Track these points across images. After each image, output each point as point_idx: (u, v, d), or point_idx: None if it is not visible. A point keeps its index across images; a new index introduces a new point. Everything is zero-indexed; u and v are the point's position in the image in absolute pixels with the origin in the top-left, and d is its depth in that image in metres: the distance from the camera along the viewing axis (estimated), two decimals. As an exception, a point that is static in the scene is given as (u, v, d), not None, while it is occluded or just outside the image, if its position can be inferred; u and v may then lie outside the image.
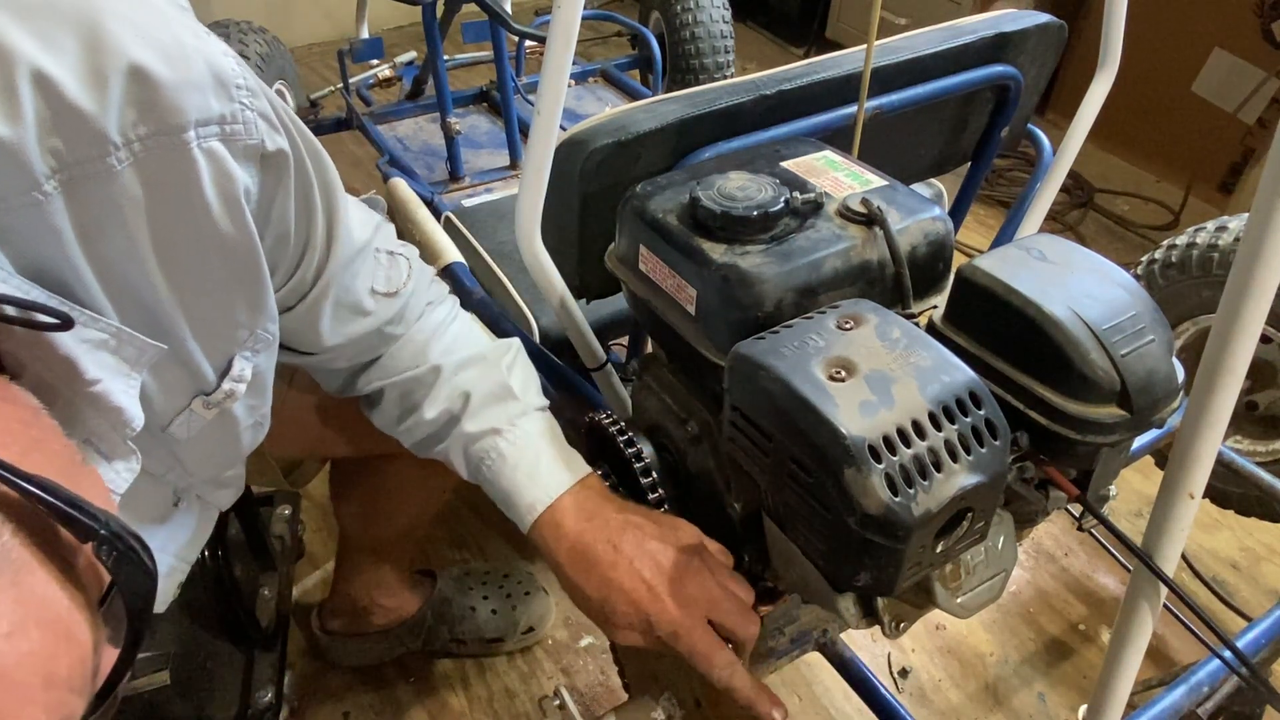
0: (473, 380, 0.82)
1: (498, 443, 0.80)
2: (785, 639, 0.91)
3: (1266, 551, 1.60)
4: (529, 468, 0.79)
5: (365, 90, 2.36)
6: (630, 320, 1.27)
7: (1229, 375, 0.64)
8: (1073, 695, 1.36)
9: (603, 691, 1.35)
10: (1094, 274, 0.71)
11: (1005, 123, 1.18)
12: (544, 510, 0.77)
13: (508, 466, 0.79)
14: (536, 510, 0.78)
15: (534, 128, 0.83)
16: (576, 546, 0.76)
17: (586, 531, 0.76)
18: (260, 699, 1.00)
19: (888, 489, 0.57)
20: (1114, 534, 0.72)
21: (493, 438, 0.80)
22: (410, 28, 3.39)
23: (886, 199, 0.78)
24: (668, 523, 0.78)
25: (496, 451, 0.80)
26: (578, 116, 2.04)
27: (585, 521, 0.76)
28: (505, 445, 0.80)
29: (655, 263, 0.79)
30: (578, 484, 0.79)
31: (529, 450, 0.80)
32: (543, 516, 0.77)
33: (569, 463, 0.80)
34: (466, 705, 1.33)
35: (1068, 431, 0.68)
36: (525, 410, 0.82)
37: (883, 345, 0.64)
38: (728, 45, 2.29)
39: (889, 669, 1.39)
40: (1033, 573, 1.54)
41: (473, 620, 1.37)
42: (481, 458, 0.80)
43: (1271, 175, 0.57)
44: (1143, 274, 1.44)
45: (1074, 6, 2.60)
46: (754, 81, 0.95)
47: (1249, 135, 2.32)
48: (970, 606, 0.70)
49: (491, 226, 1.57)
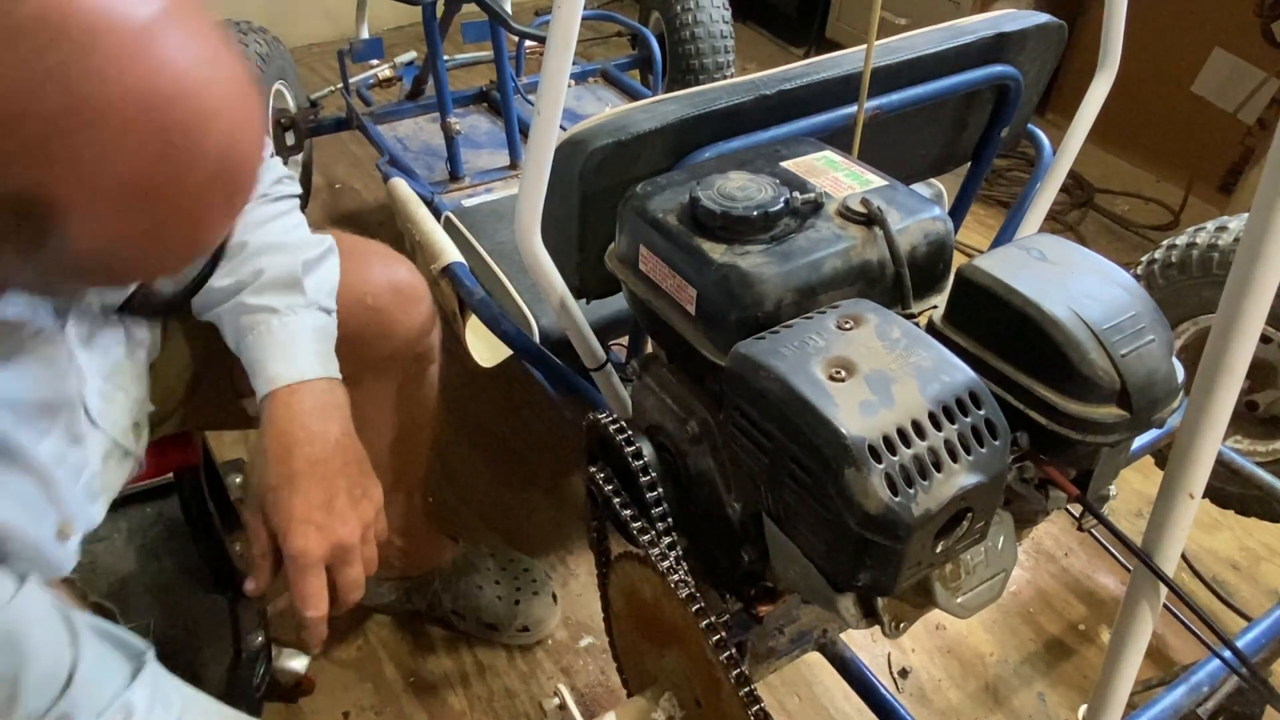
0: (268, 263, 0.86)
1: (270, 320, 0.84)
2: (785, 639, 0.91)
3: (1266, 551, 1.60)
4: (287, 348, 0.83)
5: (365, 90, 2.36)
6: (630, 320, 1.27)
7: (1229, 375, 0.64)
8: (1073, 695, 1.36)
9: (603, 691, 1.35)
10: (1094, 274, 0.71)
11: (1005, 123, 1.18)
12: (283, 386, 0.82)
13: (271, 341, 0.84)
14: (276, 383, 0.82)
15: (534, 128, 0.83)
16: (289, 432, 0.80)
17: (305, 429, 0.81)
18: (252, 642, 1.02)
19: (888, 489, 0.57)
20: (1114, 534, 0.72)
21: (266, 314, 0.84)
22: (410, 28, 3.39)
23: (886, 199, 0.78)
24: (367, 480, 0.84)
25: (265, 326, 0.84)
26: (578, 116, 2.04)
27: (311, 421, 0.81)
28: (276, 323, 0.84)
29: (655, 263, 0.79)
30: (325, 381, 0.84)
31: (296, 336, 0.84)
32: (279, 391, 0.82)
33: (326, 363, 0.85)
34: (466, 705, 1.33)
35: (1068, 431, 0.68)
36: (309, 305, 0.86)
37: (883, 345, 0.64)
38: (728, 45, 2.29)
39: (889, 669, 1.39)
40: (1033, 573, 1.54)
41: (476, 598, 1.38)
42: (250, 328, 0.84)
43: (1271, 175, 0.57)
44: (1143, 274, 1.44)
45: (1074, 6, 2.60)
46: (754, 81, 0.95)
47: (1249, 135, 2.32)
48: (970, 606, 0.70)
49: (491, 226, 1.57)
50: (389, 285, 1.02)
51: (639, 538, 0.80)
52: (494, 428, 1.78)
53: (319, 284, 0.89)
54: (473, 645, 1.40)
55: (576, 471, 1.70)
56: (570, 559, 1.53)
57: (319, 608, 0.79)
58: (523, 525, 1.60)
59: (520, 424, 1.80)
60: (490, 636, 1.40)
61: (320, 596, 0.79)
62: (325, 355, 0.86)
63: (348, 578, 0.81)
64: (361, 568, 0.82)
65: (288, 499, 0.79)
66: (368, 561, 0.83)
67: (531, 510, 1.63)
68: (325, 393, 0.84)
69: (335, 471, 0.81)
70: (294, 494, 0.79)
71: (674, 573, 0.76)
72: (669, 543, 0.80)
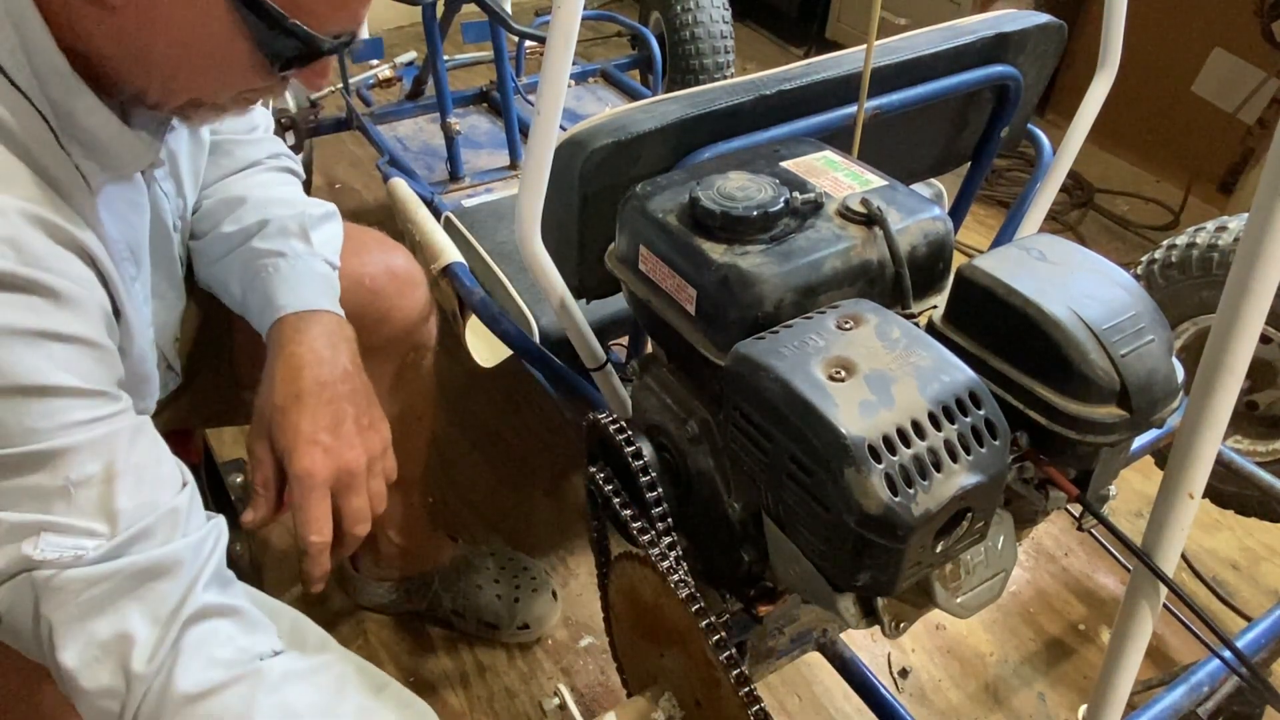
0: (274, 213, 0.88)
1: (279, 262, 0.86)
2: (785, 639, 0.91)
3: (1266, 551, 1.60)
4: (295, 285, 0.85)
5: (365, 90, 2.36)
6: (630, 320, 1.27)
7: (1229, 375, 0.64)
8: (1073, 695, 1.36)
9: (603, 691, 1.35)
10: (1094, 274, 0.71)
11: (1005, 123, 1.18)
12: (292, 313, 0.82)
13: (279, 278, 0.85)
14: (285, 310, 0.82)
15: (534, 128, 0.83)
16: (297, 354, 0.80)
17: (314, 352, 0.81)
18: None
19: (888, 489, 0.57)
20: (1114, 534, 0.72)
21: (275, 258, 0.85)
22: (410, 28, 3.38)
23: (886, 199, 0.78)
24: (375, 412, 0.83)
25: (274, 267, 0.85)
26: (578, 116, 2.04)
27: (320, 346, 0.81)
28: (285, 264, 0.85)
29: (655, 263, 0.79)
30: (334, 315, 0.84)
31: (304, 275, 0.86)
32: (289, 316, 0.82)
33: (334, 302, 0.86)
34: (467, 706, 1.33)
35: (1067, 431, 0.68)
36: (314, 254, 0.87)
37: (883, 345, 0.64)
38: (728, 45, 2.29)
39: (889, 669, 1.39)
40: (1033, 573, 1.54)
41: (476, 598, 1.38)
42: (259, 270, 0.85)
43: (1271, 175, 0.57)
44: (1143, 274, 1.44)
45: (1074, 6, 2.60)
46: (754, 81, 0.95)
47: (1249, 135, 2.32)
48: (970, 606, 0.70)
49: (491, 226, 1.57)
50: (386, 270, 1.03)
51: (639, 538, 0.80)
52: (494, 428, 1.78)
53: (324, 240, 0.90)
54: (473, 645, 1.40)
55: (576, 471, 1.70)
56: (570, 559, 1.53)
57: (323, 533, 0.76)
58: (523, 525, 1.60)
59: (520, 424, 1.80)
60: (491, 636, 1.40)
61: (325, 521, 0.77)
62: (333, 296, 0.86)
63: (353, 506, 0.79)
64: (367, 499, 0.80)
65: (295, 418, 0.77)
66: (374, 496, 0.81)
67: (531, 510, 1.63)
68: (334, 325, 0.84)
69: (343, 396, 0.80)
70: (301, 413, 0.78)
71: (674, 573, 0.76)
72: (669, 543, 0.80)
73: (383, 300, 1.02)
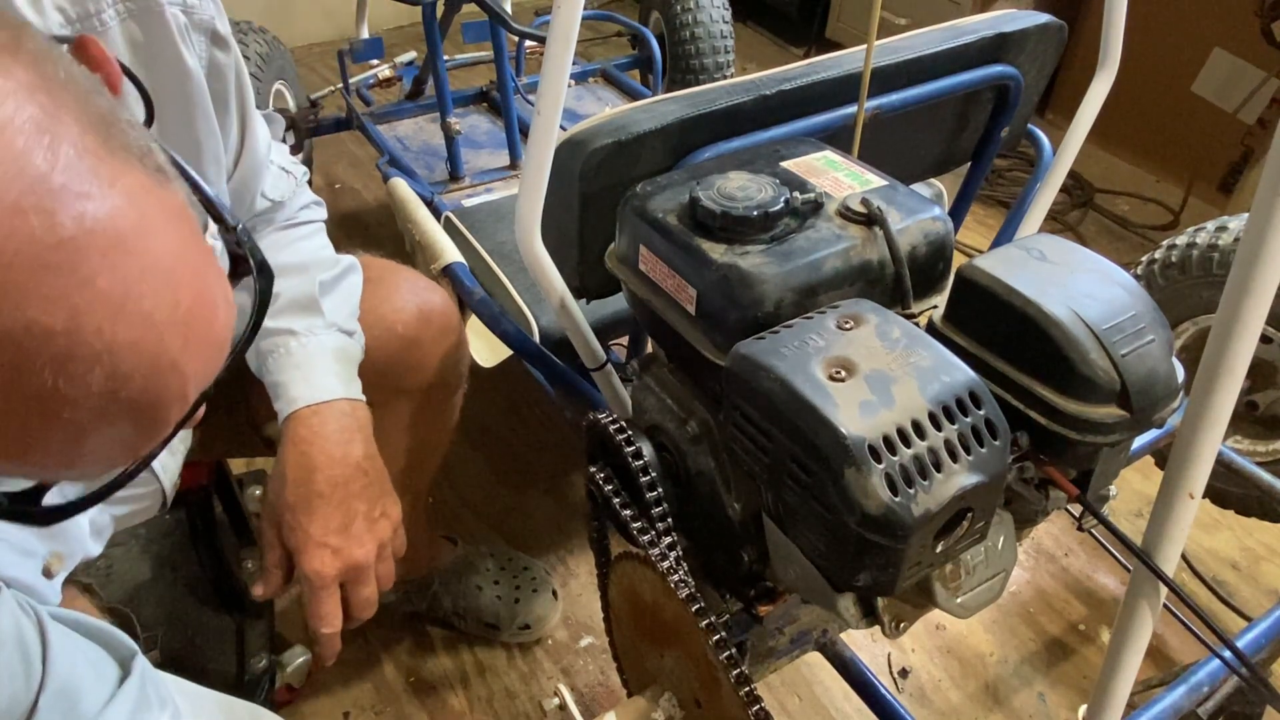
0: (284, 285, 0.87)
1: (289, 342, 0.84)
2: (785, 639, 0.91)
3: (1266, 551, 1.60)
4: (308, 369, 0.84)
5: (365, 90, 2.36)
6: (630, 320, 1.27)
7: (1229, 375, 0.64)
8: (1073, 695, 1.36)
9: (603, 691, 1.35)
10: (1094, 274, 0.71)
11: (1005, 123, 1.18)
12: (304, 407, 0.82)
13: (290, 363, 0.84)
14: (298, 404, 0.82)
15: (534, 128, 0.83)
16: (309, 455, 0.80)
17: (326, 452, 0.81)
18: (255, 665, 1.03)
19: (888, 489, 0.57)
20: (1114, 534, 0.72)
21: (285, 337, 0.85)
22: (410, 28, 3.39)
23: (886, 199, 0.78)
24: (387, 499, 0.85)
25: (285, 349, 0.84)
26: (578, 116, 2.04)
27: (333, 443, 0.81)
28: (295, 345, 0.84)
29: (655, 263, 0.79)
30: (347, 402, 0.84)
31: (315, 357, 0.85)
32: (301, 412, 0.82)
33: (347, 383, 0.85)
34: (467, 705, 1.33)
35: (1068, 431, 0.68)
36: (327, 326, 0.86)
37: (883, 345, 0.64)
38: (728, 45, 2.29)
39: (889, 669, 1.39)
40: (1033, 573, 1.54)
41: (476, 599, 1.38)
42: (270, 351, 0.85)
43: (1271, 175, 0.57)
44: (1143, 274, 1.44)
45: (1074, 6, 2.60)
46: (754, 81, 0.95)
47: (1249, 135, 2.32)
48: (970, 606, 0.70)
49: (491, 226, 1.57)
50: (419, 314, 1.00)
51: (639, 538, 0.80)
52: (494, 428, 1.78)
53: (337, 305, 0.88)
54: (473, 645, 1.40)
55: (576, 471, 1.70)
56: (570, 559, 1.53)
57: (333, 625, 0.80)
58: (523, 525, 1.60)
59: (520, 424, 1.80)
60: (491, 636, 1.40)
61: (334, 615, 0.80)
62: (347, 376, 0.86)
63: (360, 596, 0.82)
64: (375, 587, 0.83)
65: (305, 521, 0.79)
66: (382, 577, 0.84)
67: (531, 510, 1.63)
68: (347, 414, 0.83)
69: (355, 494, 0.81)
70: (312, 517, 0.79)
71: (674, 573, 0.76)
72: (669, 543, 0.80)
73: (416, 350, 1.00)
